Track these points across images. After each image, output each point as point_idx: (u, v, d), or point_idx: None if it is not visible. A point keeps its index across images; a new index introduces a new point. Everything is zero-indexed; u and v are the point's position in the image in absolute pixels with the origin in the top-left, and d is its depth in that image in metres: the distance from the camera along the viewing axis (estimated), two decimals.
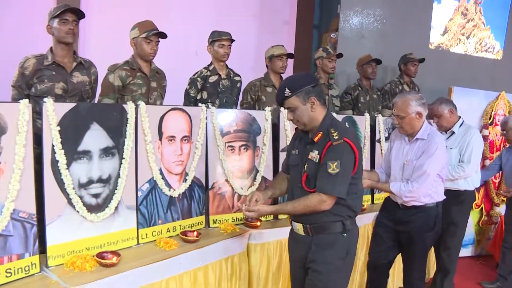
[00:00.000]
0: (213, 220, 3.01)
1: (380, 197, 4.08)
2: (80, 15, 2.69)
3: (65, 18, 2.63)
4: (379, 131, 4.23)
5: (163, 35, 3.03)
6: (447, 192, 3.28)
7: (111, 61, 3.07)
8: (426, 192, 2.89)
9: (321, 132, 2.21)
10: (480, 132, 4.51)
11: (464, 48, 6.11)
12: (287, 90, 2.19)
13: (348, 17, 5.29)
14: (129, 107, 2.51)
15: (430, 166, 2.81)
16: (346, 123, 3.87)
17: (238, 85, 3.80)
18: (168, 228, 2.76)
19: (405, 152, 2.95)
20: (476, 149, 3.51)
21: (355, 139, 2.23)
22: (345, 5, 5.25)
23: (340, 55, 4.30)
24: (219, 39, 3.46)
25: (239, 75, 3.82)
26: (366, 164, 4.02)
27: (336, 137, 2.14)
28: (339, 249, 2.25)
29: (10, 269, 2.06)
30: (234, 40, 3.53)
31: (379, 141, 4.25)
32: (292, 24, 6.42)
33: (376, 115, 4.28)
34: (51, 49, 2.71)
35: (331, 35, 5.74)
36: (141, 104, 2.55)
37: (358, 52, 4.86)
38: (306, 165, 2.24)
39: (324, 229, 2.24)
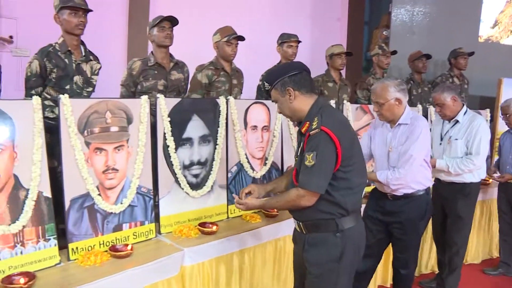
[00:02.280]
0: None
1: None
2: (174, 22, 3.14)
3: (162, 26, 3.09)
4: (431, 122, 4.51)
5: (241, 38, 3.45)
6: (452, 184, 3.34)
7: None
8: (414, 178, 2.77)
9: (307, 122, 2.03)
10: None
11: None
12: (266, 84, 2.12)
13: (399, 14, 5.57)
14: (221, 101, 2.94)
15: (415, 151, 2.70)
16: None
17: None
18: None
19: (389, 139, 2.83)
20: (484, 139, 3.25)
21: (339, 127, 1.99)
22: (396, 3, 5.53)
23: (394, 52, 4.61)
24: (288, 41, 3.85)
25: None
26: None
27: (314, 126, 1.96)
28: (332, 250, 2.05)
29: (135, 232, 2.53)
30: (300, 41, 3.91)
31: (431, 130, 4.52)
32: (344, 21, 6.71)
33: (428, 107, 4.57)
34: (152, 52, 3.17)
35: (383, 32, 6.01)
36: (231, 98, 2.98)
37: (409, 48, 5.14)
38: (296, 159, 2.16)
39: (316, 227, 2.08)
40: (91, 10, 2.74)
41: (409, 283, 3.00)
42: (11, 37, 4.87)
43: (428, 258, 4.07)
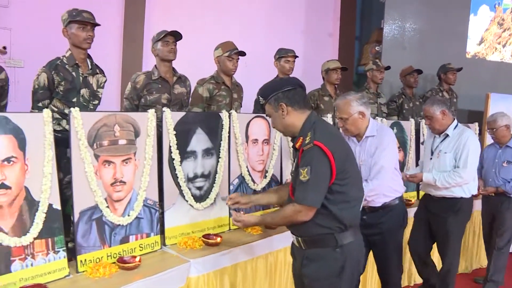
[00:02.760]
0: None
1: None
2: (178, 37, 3.19)
3: (166, 40, 3.14)
4: (423, 134, 4.61)
5: (242, 54, 3.51)
6: (442, 200, 3.25)
7: None
8: (388, 187, 2.80)
9: (301, 137, 2.03)
10: None
11: (500, 56, 6.43)
12: (260, 98, 2.12)
13: (391, 31, 5.70)
14: (224, 115, 3.00)
15: (386, 160, 2.74)
16: (395, 128, 4.26)
17: None
18: None
19: (358, 153, 2.81)
20: (473, 153, 3.17)
21: (332, 140, 1.99)
22: (388, 19, 5.67)
23: (388, 68, 4.72)
24: (285, 56, 3.93)
25: None
26: (412, 164, 4.41)
27: (308, 141, 1.96)
28: (332, 265, 2.03)
29: (142, 244, 2.56)
30: (297, 56, 3.99)
31: (423, 143, 4.63)
32: (336, 37, 6.81)
33: (420, 120, 4.67)
34: (155, 66, 3.22)
35: (375, 47, 6.14)
36: (233, 112, 3.04)
37: (400, 63, 5.26)
38: (292, 174, 2.17)
39: (315, 243, 2.07)
40: (98, 25, 2.79)
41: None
42: (4, 47, 4.87)
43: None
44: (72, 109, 2.24)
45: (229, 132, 3.01)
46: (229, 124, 3.01)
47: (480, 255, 4.66)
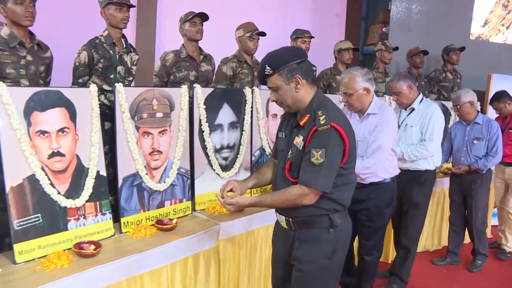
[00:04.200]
0: None
1: None
2: (204, 18, 3.35)
3: (194, 21, 3.30)
4: None
5: (262, 34, 3.68)
6: (407, 172, 3.22)
7: None
8: (382, 167, 2.78)
9: (308, 115, 1.89)
10: None
11: (504, 38, 6.57)
12: (267, 67, 1.89)
13: (398, 12, 5.84)
14: (247, 91, 3.18)
15: (384, 140, 2.72)
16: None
17: None
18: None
19: (357, 129, 2.69)
20: (438, 126, 3.21)
21: (346, 123, 1.91)
22: (396, 1, 5.80)
23: (396, 48, 4.89)
24: (302, 36, 4.10)
25: None
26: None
27: (323, 122, 1.82)
28: (325, 246, 1.96)
29: (175, 209, 2.78)
30: (313, 37, 4.16)
31: None
32: (342, 17, 6.95)
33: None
34: (183, 45, 3.38)
35: (383, 29, 6.28)
36: (255, 89, 3.22)
37: (406, 44, 5.42)
38: (291, 151, 1.97)
39: (308, 224, 1.96)
40: (134, 6, 2.95)
41: (373, 270, 3.03)
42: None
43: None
44: (117, 84, 2.42)
45: (251, 107, 3.20)
46: (252, 99, 3.20)
47: (441, 235, 4.51)
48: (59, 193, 2.22)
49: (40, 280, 1.93)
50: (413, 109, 3.29)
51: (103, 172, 2.43)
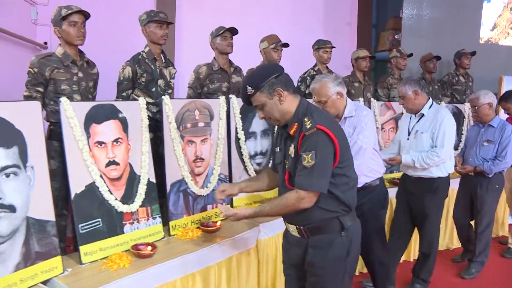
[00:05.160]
0: None
1: None
2: (234, 32, 3.54)
3: (225, 35, 3.49)
4: None
5: (286, 45, 3.86)
6: (418, 180, 3.18)
7: (199, 60, 3.62)
8: (368, 167, 2.76)
9: (296, 123, 1.92)
10: None
11: None
12: (248, 88, 1.95)
13: (409, 19, 6.03)
14: None
15: (364, 141, 2.69)
16: None
17: None
18: None
19: None
20: (449, 132, 3.11)
21: (333, 124, 1.93)
22: (407, 9, 5.99)
23: (411, 55, 5.06)
24: (324, 47, 4.28)
25: None
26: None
27: (309, 126, 1.85)
28: (339, 250, 1.97)
29: (216, 212, 2.94)
30: (334, 47, 4.34)
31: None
32: (353, 25, 7.13)
33: (438, 103, 5.02)
34: (214, 58, 3.57)
35: (395, 36, 6.46)
36: None
37: (418, 50, 5.58)
38: (287, 161, 2.00)
39: (320, 229, 1.97)
40: (172, 23, 3.14)
41: (380, 269, 3.01)
42: (45, 43, 5.22)
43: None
44: (164, 97, 2.61)
45: None
46: None
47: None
48: (116, 199, 2.40)
49: (107, 278, 2.10)
50: (423, 115, 3.23)
51: (153, 179, 2.61)
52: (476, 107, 3.75)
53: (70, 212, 2.49)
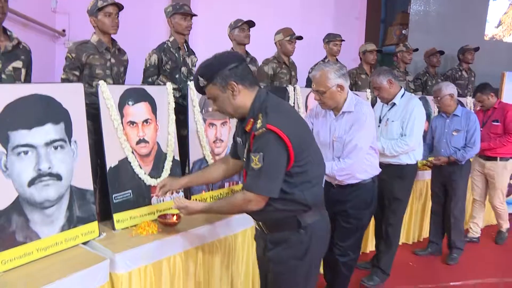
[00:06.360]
0: None
1: None
2: (252, 24, 3.76)
3: (243, 27, 3.72)
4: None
5: (300, 38, 4.09)
6: (388, 166, 3.16)
7: (214, 51, 3.84)
8: (360, 167, 2.62)
9: (251, 119, 1.79)
10: None
11: None
12: (200, 79, 1.81)
13: (416, 15, 6.22)
14: (290, 89, 3.60)
15: (361, 140, 2.54)
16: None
17: None
18: None
19: (333, 128, 2.63)
20: (418, 121, 3.16)
21: (286, 122, 1.76)
22: (415, 5, 6.19)
23: (416, 50, 5.27)
24: (334, 40, 4.51)
25: None
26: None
27: (259, 125, 1.72)
28: (296, 247, 1.89)
29: (232, 189, 3.17)
30: (343, 40, 4.56)
31: None
32: (362, 20, 7.33)
33: None
34: (232, 49, 3.80)
35: (402, 31, 6.66)
36: (297, 87, 3.64)
37: (424, 44, 5.79)
38: (244, 159, 1.90)
39: (277, 226, 1.91)
40: (196, 15, 3.37)
41: (348, 271, 2.86)
42: (64, 30, 5.48)
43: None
44: (189, 83, 2.85)
45: (293, 103, 3.61)
46: (294, 96, 3.61)
47: (423, 227, 4.55)
48: (145, 173, 2.65)
49: (138, 242, 2.36)
50: (394, 104, 3.26)
51: (177, 157, 2.86)
52: (439, 98, 3.87)
53: (99, 186, 2.77)
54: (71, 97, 2.30)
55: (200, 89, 1.86)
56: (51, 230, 2.17)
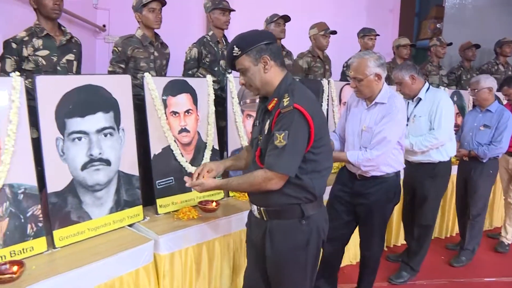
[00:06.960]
0: None
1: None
2: (287, 19, 3.84)
3: (278, 22, 3.80)
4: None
5: (334, 32, 4.14)
6: (419, 165, 3.12)
7: None
8: (385, 161, 2.55)
9: (275, 99, 1.80)
10: None
11: None
12: (235, 48, 1.81)
13: (452, 8, 6.15)
14: (324, 82, 3.66)
15: (391, 132, 2.47)
16: (455, 96, 4.77)
17: None
18: None
19: (363, 118, 2.59)
20: (446, 113, 3.03)
21: (312, 105, 1.79)
22: None
23: (450, 44, 5.23)
24: (369, 34, 4.54)
25: None
26: None
27: (286, 103, 1.73)
28: (297, 238, 1.86)
29: None
30: (378, 35, 4.58)
31: None
32: (396, 13, 7.26)
33: None
34: None
35: (437, 25, 6.59)
36: (331, 80, 3.70)
37: (460, 38, 5.73)
38: (261, 137, 1.88)
39: (279, 214, 1.87)
40: (234, 10, 3.47)
41: (374, 265, 2.84)
42: (104, 26, 5.66)
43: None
44: (228, 75, 2.96)
45: (327, 96, 3.68)
46: (328, 89, 3.67)
47: (455, 222, 4.32)
48: (186, 161, 2.78)
49: (180, 225, 2.50)
50: (420, 99, 3.16)
51: (216, 146, 2.98)
52: (476, 91, 3.64)
53: (140, 174, 2.91)
54: (120, 87, 2.44)
55: (232, 60, 1.84)
56: (101, 212, 2.33)
